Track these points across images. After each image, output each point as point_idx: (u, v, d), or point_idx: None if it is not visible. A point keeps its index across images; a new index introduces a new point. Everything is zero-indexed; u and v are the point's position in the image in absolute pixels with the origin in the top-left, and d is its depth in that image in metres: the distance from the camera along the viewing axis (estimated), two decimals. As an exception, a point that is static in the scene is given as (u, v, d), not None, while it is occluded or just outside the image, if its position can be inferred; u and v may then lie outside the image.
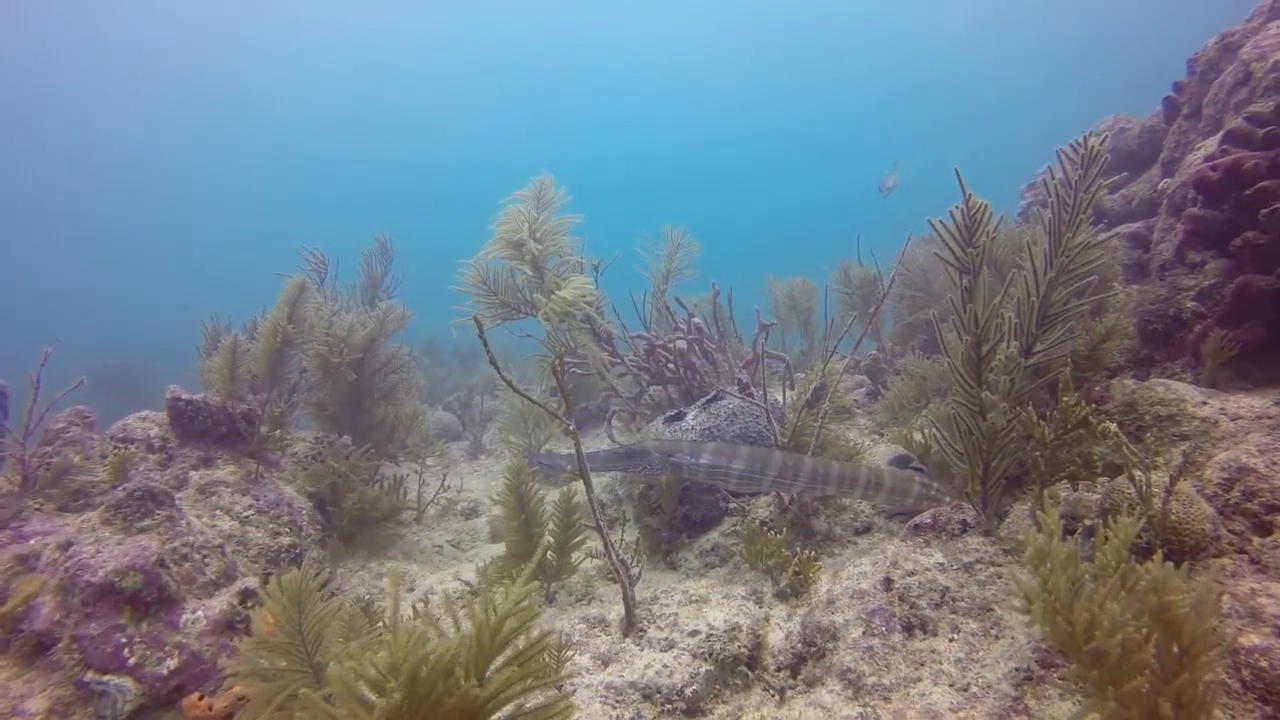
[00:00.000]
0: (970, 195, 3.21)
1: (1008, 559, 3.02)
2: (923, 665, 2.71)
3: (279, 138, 57.66)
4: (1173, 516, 2.70)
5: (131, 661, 3.01)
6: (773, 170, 67.47)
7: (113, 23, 44.00)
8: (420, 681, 1.71)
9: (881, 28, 50.05)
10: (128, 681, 2.98)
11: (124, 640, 3.02)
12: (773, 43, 53.30)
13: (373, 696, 1.69)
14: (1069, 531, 3.11)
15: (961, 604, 2.89)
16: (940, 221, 3.32)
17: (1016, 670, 2.51)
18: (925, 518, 3.31)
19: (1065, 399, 3.19)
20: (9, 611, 2.29)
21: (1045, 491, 3.21)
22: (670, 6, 51.44)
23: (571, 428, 3.34)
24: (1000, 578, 2.96)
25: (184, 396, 4.65)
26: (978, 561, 3.03)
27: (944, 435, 3.49)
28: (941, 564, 3.06)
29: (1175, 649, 1.85)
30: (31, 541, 3.85)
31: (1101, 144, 3.14)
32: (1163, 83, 6.70)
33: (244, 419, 4.79)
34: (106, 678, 2.97)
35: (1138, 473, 2.75)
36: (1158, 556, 1.93)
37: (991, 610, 2.83)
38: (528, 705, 2.06)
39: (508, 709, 2.02)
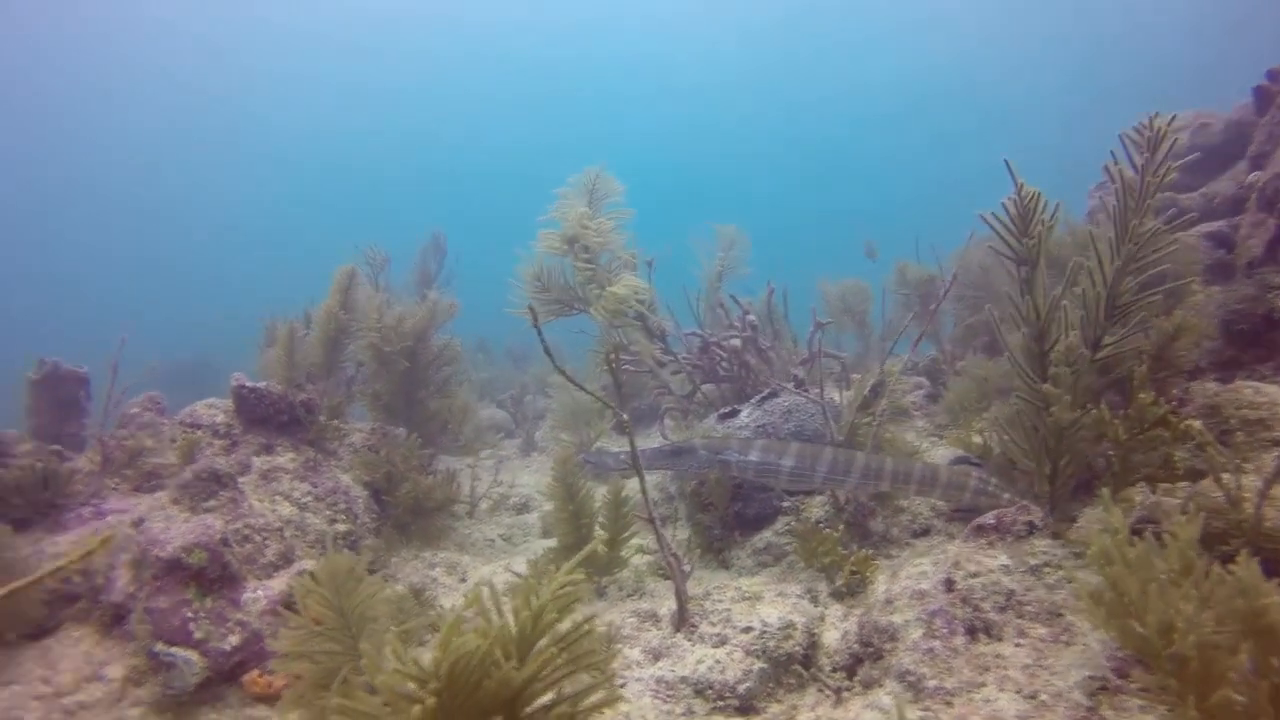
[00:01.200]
0: (1022, 184, 3.12)
1: (1078, 563, 2.87)
2: (987, 670, 2.60)
3: (334, 151, 60.09)
4: (1267, 523, 2.53)
5: (197, 635, 3.10)
6: (829, 173, 66.55)
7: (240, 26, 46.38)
8: (459, 674, 1.71)
9: (936, 25, 48.97)
10: (193, 655, 3.08)
11: (190, 615, 3.12)
12: (817, 43, 52.68)
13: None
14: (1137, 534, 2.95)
15: (1029, 608, 2.76)
16: (992, 214, 3.23)
17: (1090, 679, 2.38)
18: (989, 518, 3.18)
19: (1141, 397, 3.03)
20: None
21: (1111, 491, 3.05)
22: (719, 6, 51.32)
23: (625, 419, 3.33)
24: (1071, 582, 2.83)
25: (248, 384, 4.80)
26: (1046, 564, 2.90)
27: (1008, 434, 3.35)
28: (1006, 566, 2.93)
29: (1277, 661, 1.72)
30: (109, 518, 4.02)
31: (1169, 124, 3.00)
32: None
33: (304, 407, 4.92)
34: (174, 650, 3.07)
35: (1226, 475, 2.59)
36: (1244, 557, 1.80)
37: (1061, 615, 2.69)
38: (569, 690, 2.04)
39: (549, 696, 2.00)
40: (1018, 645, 2.65)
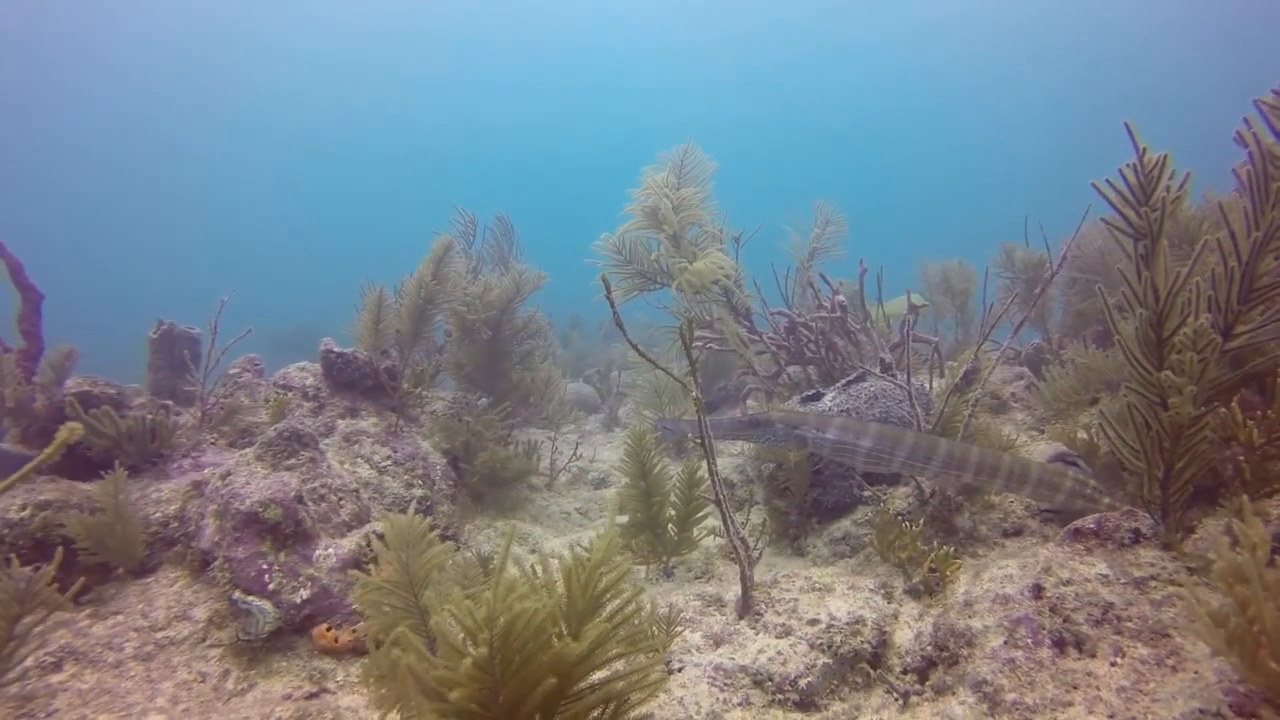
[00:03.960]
0: (1145, 148, 2.74)
1: (1193, 580, 2.54)
2: (1075, 688, 2.34)
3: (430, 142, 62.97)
4: None
5: (271, 587, 3.24)
6: (935, 152, 63.33)
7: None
8: (515, 635, 1.66)
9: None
10: (267, 604, 3.22)
11: (265, 566, 3.26)
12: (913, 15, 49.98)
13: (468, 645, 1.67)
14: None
15: (1129, 624, 2.47)
16: (1107, 181, 2.87)
17: (1201, 712, 2.09)
18: (1088, 522, 2.87)
19: (1284, 396, 2.64)
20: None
21: (1244, 501, 2.67)
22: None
23: (696, 394, 3.21)
24: (1183, 600, 2.50)
25: (335, 349, 4.98)
26: (1152, 578, 2.58)
27: (1115, 431, 3.00)
28: (1105, 576, 2.63)
29: None
30: (206, 470, 4.26)
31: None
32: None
33: (387, 374, 5.05)
34: (250, 598, 3.22)
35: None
36: None
37: (1169, 636, 2.39)
38: (620, 667, 1.98)
39: (602, 673, 1.94)
40: (1113, 664, 2.37)
